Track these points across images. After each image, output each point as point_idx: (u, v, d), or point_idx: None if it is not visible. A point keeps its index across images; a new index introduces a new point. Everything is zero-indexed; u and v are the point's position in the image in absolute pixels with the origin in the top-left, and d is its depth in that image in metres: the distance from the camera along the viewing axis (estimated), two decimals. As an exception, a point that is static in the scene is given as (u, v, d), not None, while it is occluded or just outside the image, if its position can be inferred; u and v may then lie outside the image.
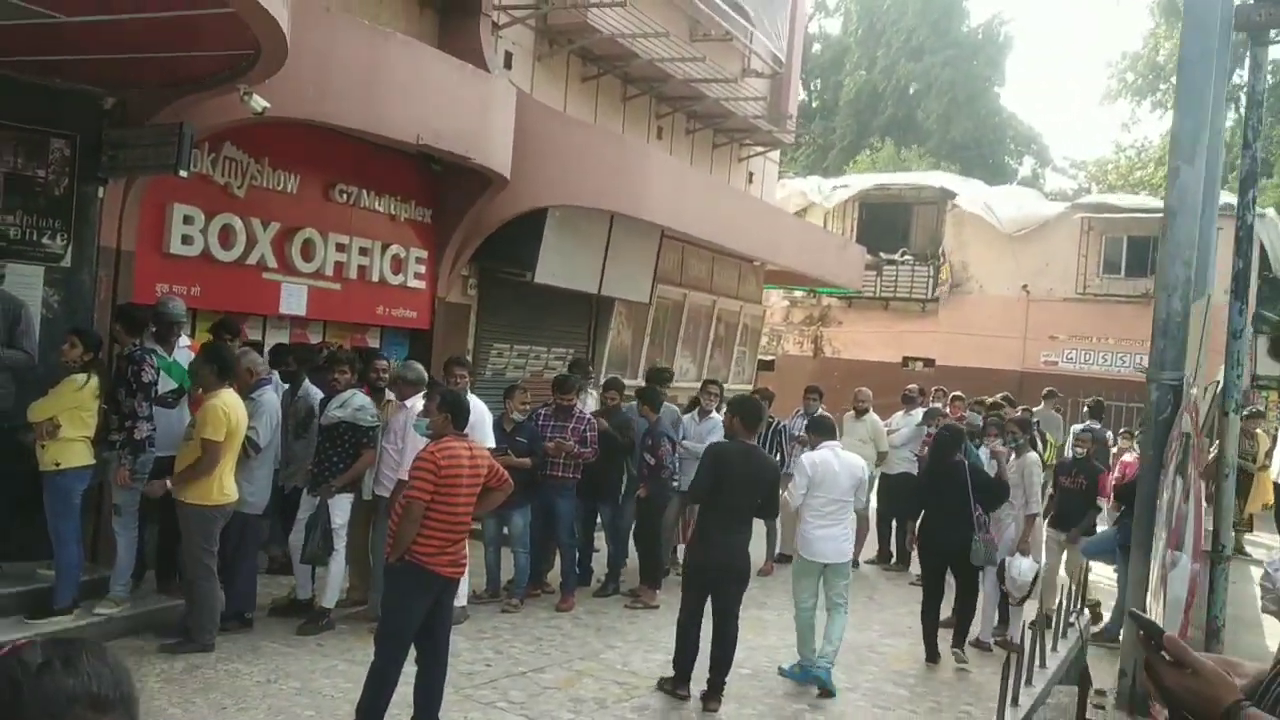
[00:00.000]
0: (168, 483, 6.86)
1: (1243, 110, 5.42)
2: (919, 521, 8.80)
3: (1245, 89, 5.53)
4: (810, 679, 7.26)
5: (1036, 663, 7.39)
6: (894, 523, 11.75)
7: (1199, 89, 2.20)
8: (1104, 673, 6.72)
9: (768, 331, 26.77)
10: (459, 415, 5.71)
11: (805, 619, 7.38)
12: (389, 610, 5.69)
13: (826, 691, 7.12)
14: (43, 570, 6.89)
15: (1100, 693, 3.06)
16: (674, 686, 6.81)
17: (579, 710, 6.49)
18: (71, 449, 6.64)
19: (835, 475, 7.35)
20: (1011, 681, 5.97)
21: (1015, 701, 5.38)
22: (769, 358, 22.89)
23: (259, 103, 6.87)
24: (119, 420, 6.97)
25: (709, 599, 6.84)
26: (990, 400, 12.10)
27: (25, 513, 6.82)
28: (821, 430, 7.86)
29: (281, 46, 5.97)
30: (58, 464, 6.59)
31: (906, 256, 25.60)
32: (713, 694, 6.72)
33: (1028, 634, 7.28)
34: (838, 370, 24.22)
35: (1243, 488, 12.85)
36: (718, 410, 9.96)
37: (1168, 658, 1.76)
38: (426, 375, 7.82)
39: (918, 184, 26.55)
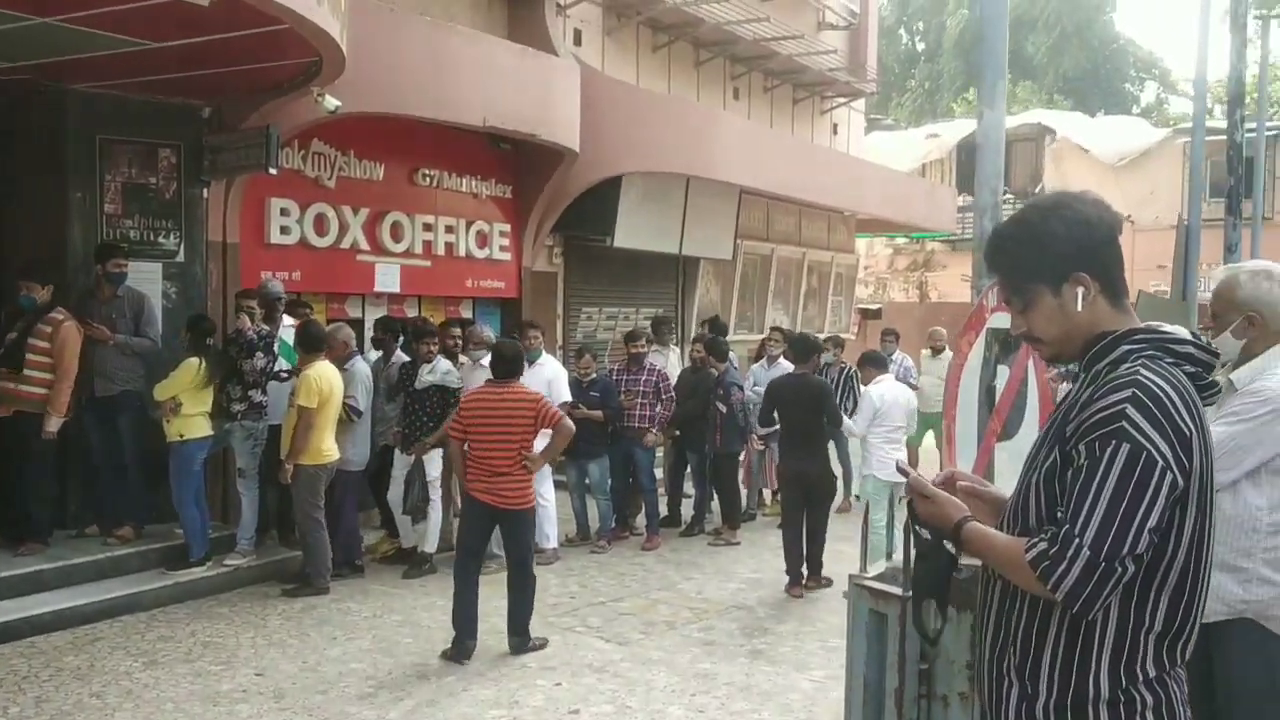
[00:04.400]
0: (288, 467, 7.64)
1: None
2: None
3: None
4: None
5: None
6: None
7: (995, 43, 2.59)
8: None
9: (873, 279, 26.95)
10: (496, 366, 6.69)
11: (880, 537, 7.74)
12: (459, 530, 6.93)
13: None
14: (178, 530, 7.84)
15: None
16: (787, 585, 8.18)
17: (649, 632, 7.14)
18: (192, 422, 7.55)
19: (898, 405, 8.27)
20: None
21: (890, 556, 5.96)
22: (875, 306, 23.11)
23: (331, 102, 7.64)
24: (242, 391, 7.88)
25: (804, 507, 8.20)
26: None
27: (163, 481, 7.76)
28: (874, 363, 8.63)
29: (338, 53, 6.70)
30: (181, 435, 7.52)
31: (1007, 195, 25.36)
32: (812, 573, 8.24)
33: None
34: (944, 313, 24.24)
35: None
36: (785, 356, 10.45)
37: (917, 491, 2.30)
38: (494, 337, 8.57)
39: (1014, 124, 26.25)
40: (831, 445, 9.25)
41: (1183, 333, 2.11)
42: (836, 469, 9.51)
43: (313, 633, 6.92)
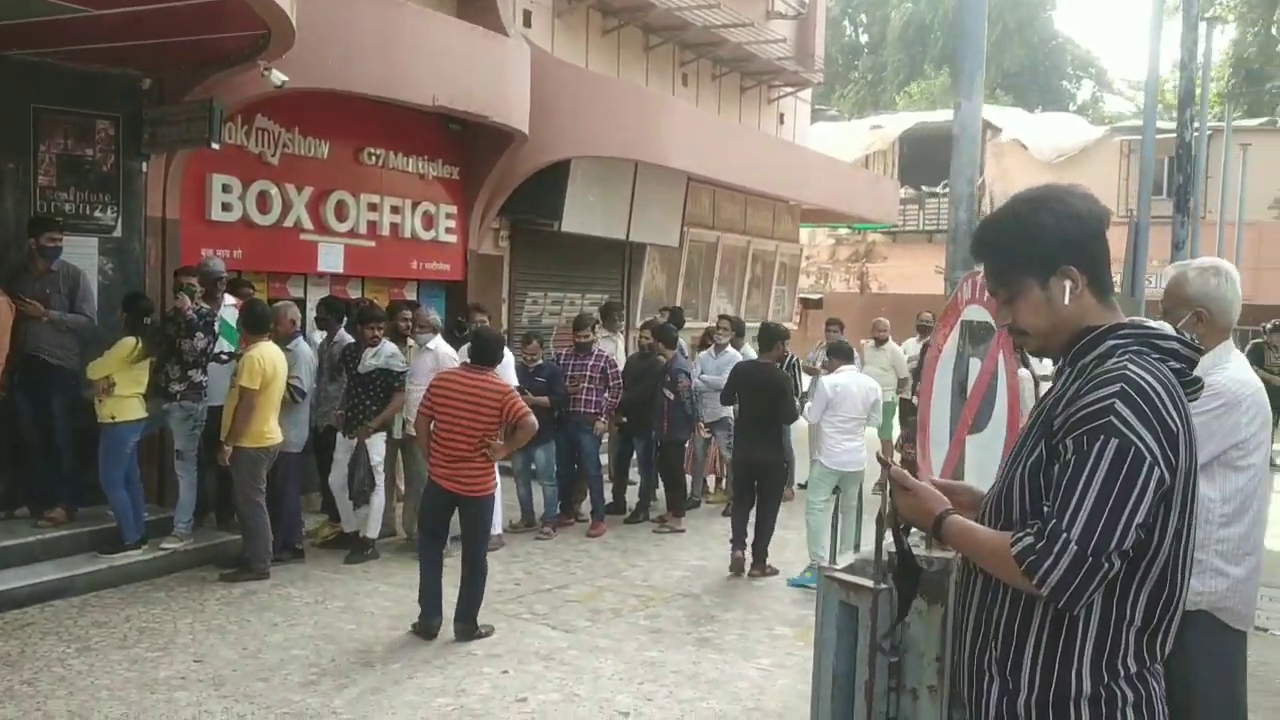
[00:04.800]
0: (228, 449, 7.47)
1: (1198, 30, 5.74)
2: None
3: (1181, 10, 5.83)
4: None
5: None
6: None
7: (974, 34, 2.58)
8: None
9: (815, 270, 27.10)
10: (476, 351, 6.81)
11: (818, 519, 8.15)
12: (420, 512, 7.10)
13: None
14: (111, 512, 7.63)
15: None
16: (731, 551, 8.38)
17: (595, 619, 7.10)
18: (126, 404, 7.35)
19: (851, 396, 8.21)
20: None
21: (858, 548, 6.01)
22: (816, 296, 23.25)
23: (278, 77, 7.46)
24: (181, 371, 7.69)
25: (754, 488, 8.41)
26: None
27: (95, 463, 7.54)
28: (840, 354, 8.62)
29: (288, 26, 6.53)
30: (113, 417, 7.31)
31: (948, 189, 25.63)
32: (757, 562, 8.36)
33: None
34: (884, 304, 24.48)
35: (1274, 399, 13.03)
36: (733, 344, 10.48)
37: (899, 484, 2.28)
38: (442, 322, 8.48)
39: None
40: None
41: (1167, 329, 2.12)
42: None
43: (253, 618, 6.78)
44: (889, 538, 2.64)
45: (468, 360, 6.93)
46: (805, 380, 10.96)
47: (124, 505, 7.40)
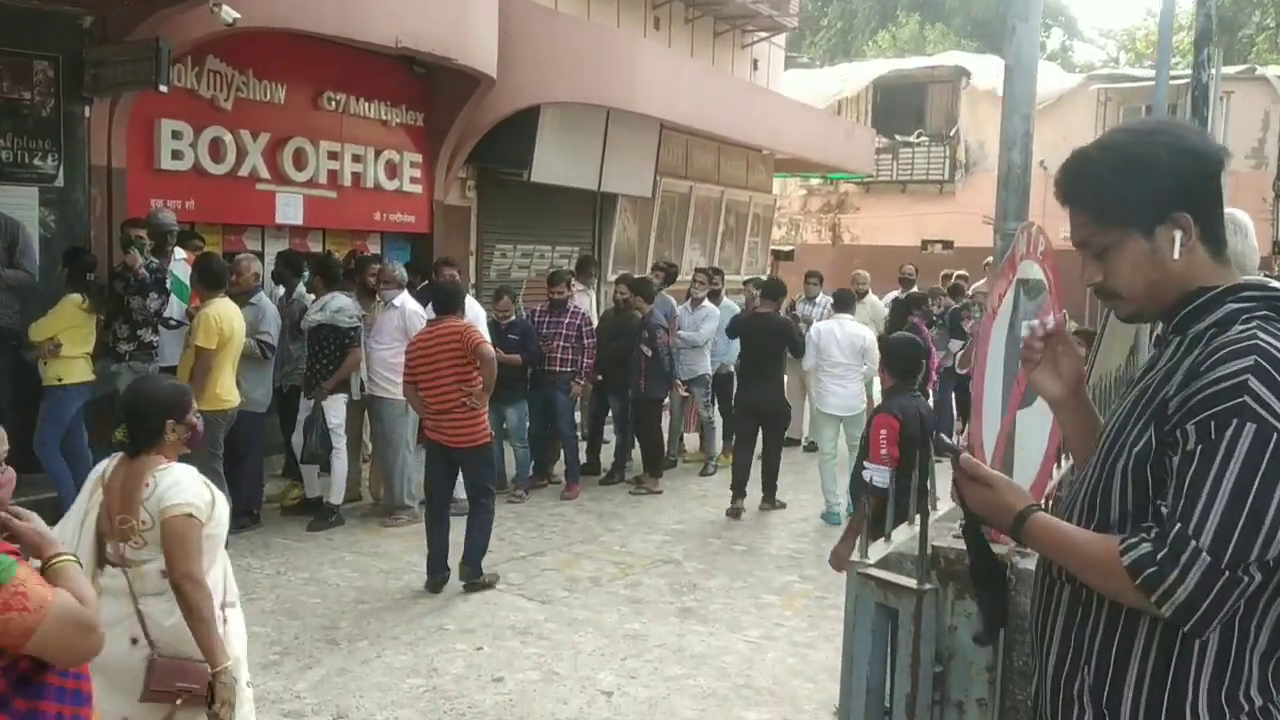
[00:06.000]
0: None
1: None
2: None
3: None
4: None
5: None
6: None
7: None
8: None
9: (786, 221, 26.71)
10: (435, 301, 7.00)
11: (827, 463, 8.79)
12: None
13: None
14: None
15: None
16: (732, 501, 8.71)
17: (573, 589, 6.78)
18: (73, 365, 6.90)
19: (836, 342, 8.80)
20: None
21: (889, 539, 5.73)
22: (788, 248, 22.87)
23: (229, 14, 6.95)
24: (130, 330, 7.22)
25: (759, 431, 8.84)
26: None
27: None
28: (838, 303, 9.45)
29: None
30: (60, 379, 6.86)
31: (922, 138, 25.29)
32: (766, 497, 8.89)
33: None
34: (857, 256, 24.16)
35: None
36: (710, 298, 10.14)
37: (968, 473, 1.91)
38: (407, 276, 8.08)
39: (931, 65, 26.13)
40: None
41: None
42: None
43: (210, 592, 6.40)
44: (932, 528, 2.29)
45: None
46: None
47: (63, 473, 6.94)
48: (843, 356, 8.75)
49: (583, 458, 9.75)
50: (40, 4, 7.40)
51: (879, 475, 4.74)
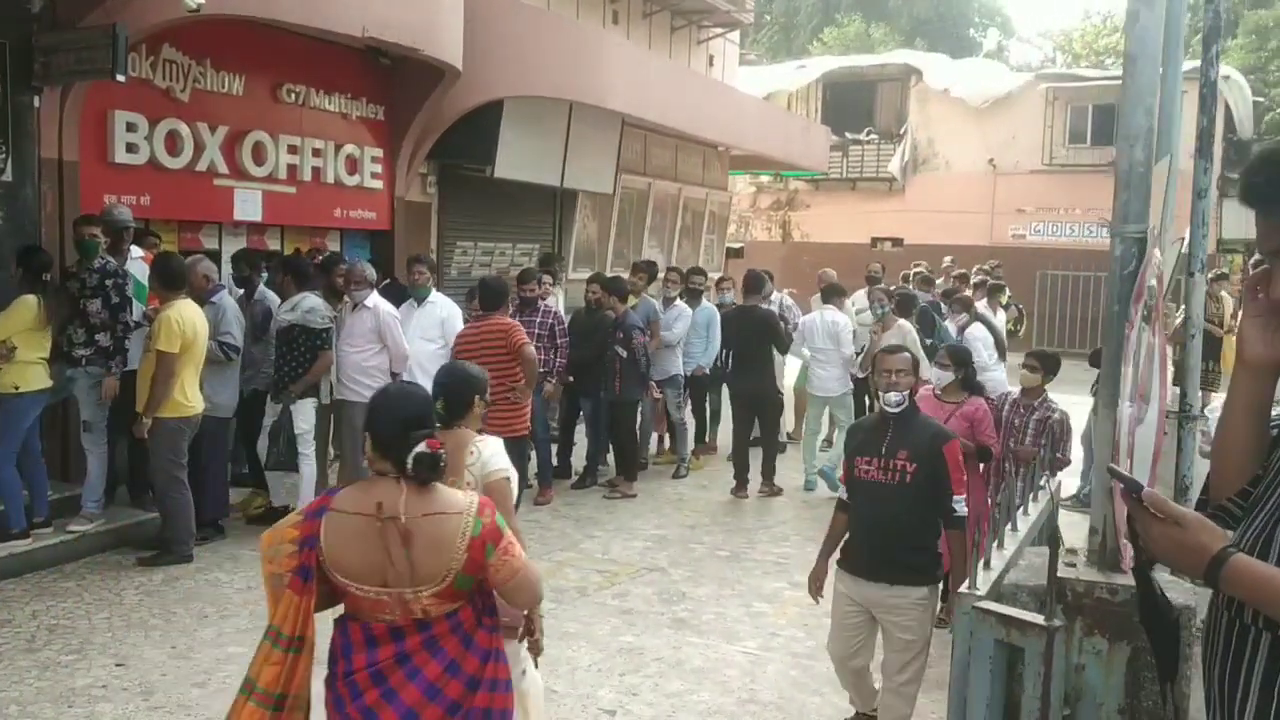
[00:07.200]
0: (115, 383, 6.77)
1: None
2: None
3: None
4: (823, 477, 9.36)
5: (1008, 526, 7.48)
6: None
7: None
8: (1074, 534, 6.82)
9: (736, 218, 26.61)
10: (482, 298, 7.54)
11: (809, 440, 9.76)
12: None
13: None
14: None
15: (1071, 551, 3.07)
16: (735, 489, 9.26)
17: (560, 600, 6.54)
18: (30, 371, 6.50)
19: (816, 329, 9.53)
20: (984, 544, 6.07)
21: (988, 565, 5.46)
22: (737, 245, 22.74)
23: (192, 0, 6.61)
24: (87, 335, 6.83)
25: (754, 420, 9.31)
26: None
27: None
28: (825, 295, 10.04)
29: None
30: (16, 387, 6.45)
31: (872, 136, 25.31)
32: (765, 480, 9.41)
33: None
34: (807, 254, 24.15)
35: (1211, 350, 12.91)
36: (681, 297, 9.96)
37: (1150, 511, 1.71)
38: (375, 274, 7.80)
39: (881, 63, 26.16)
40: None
41: None
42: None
43: (179, 610, 6.07)
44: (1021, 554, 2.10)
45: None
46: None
47: (14, 487, 6.53)
48: (822, 342, 9.44)
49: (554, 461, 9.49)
50: (-15, -13, 6.99)
51: (960, 505, 4.56)
